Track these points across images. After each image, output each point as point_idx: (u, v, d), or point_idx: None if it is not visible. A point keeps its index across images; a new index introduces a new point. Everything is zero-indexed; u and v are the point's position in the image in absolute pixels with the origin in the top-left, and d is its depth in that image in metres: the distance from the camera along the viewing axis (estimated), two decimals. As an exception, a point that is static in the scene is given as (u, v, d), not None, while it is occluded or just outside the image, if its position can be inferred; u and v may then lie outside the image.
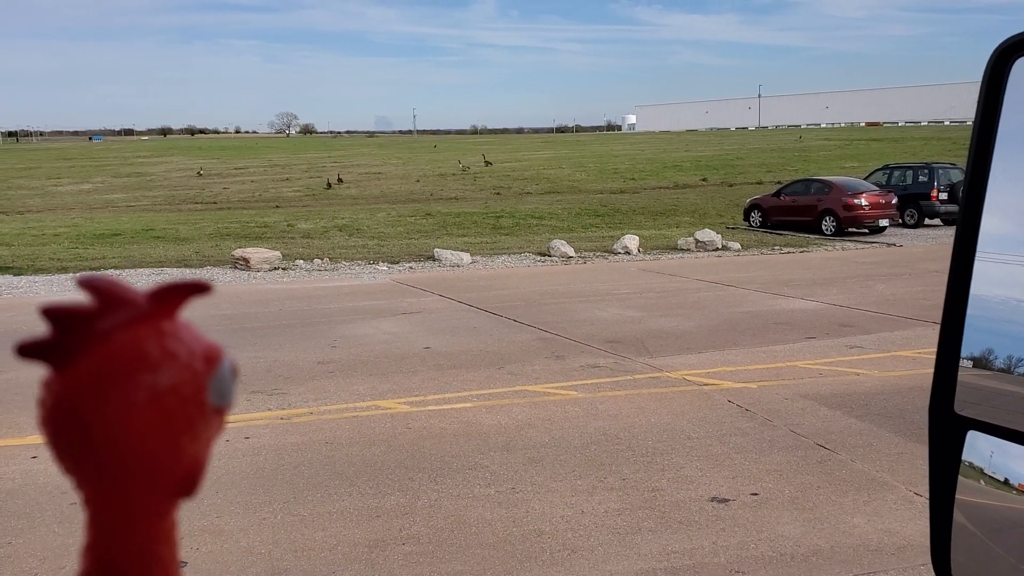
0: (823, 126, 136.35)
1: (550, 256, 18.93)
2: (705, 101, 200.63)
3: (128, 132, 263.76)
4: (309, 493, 5.54)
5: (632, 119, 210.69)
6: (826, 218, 22.69)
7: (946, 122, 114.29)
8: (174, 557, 0.56)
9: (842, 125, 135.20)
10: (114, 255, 18.99)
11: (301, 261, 17.95)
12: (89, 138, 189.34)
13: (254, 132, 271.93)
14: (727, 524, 4.99)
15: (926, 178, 24.92)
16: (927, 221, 24.64)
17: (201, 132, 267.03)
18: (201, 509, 5.27)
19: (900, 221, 24.08)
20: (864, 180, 25.31)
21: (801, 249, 20.19)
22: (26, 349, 0.52)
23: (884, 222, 22.72)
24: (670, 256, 19.18)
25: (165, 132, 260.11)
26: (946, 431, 0.98)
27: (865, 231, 22.81)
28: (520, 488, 5.59)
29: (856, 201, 22.32)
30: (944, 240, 20.96)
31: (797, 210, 23.43)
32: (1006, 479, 0.93)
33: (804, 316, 11.46)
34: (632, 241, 19.73)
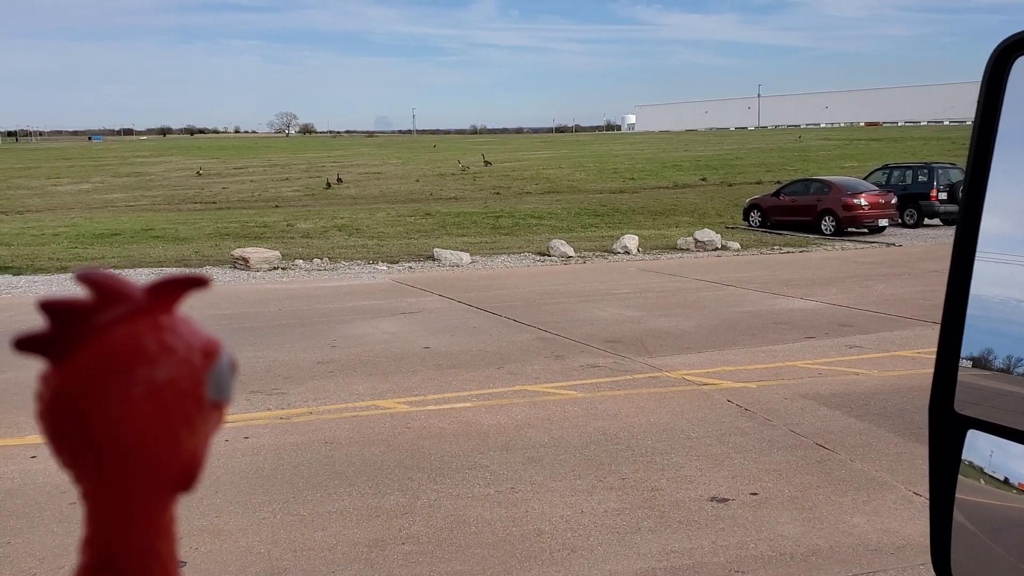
0: (823, 126, 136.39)
1: (549, 256, 18.93)
2: (705, 101, 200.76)
3: (128, 132, 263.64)
4: (308, 493, 5.54)
5: (632, 119, 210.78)
6: (825, 218, 22.70)
7: (945, 122, 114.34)
8: (172, 552, 0.56)
9: (841, 125, 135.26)
10: (113, 255, 18.99)
11: (300, 261, 17.94)
12: (89, 138, 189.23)
13: (254, 132, 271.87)
14: (726, 524, 4.99)
15: (925, 178, 24.92)
16: (926, 221, 24.65)
17: (201, 132, 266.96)
18: (200, 509, 5.27)
19: (899, 221, 24.08)
20: (864, 180, 25.32)
21: (800, 249, 20.19)
22: (23, 343, 0.51)
23: (883, 222, 22.73)
24: (669, 256, 19.18)
25: (165, 132, 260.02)
26: (946, 430, 0.98)
27: (864, 231, 22.81)
28: (520, 488, 5.59)
29: (855, 201, 22.33)
30: (943, 240, 20.97)
31: (796, 210, 23.44)
32: (1006, 478, 0.93)
33: (803, 316, 11.46)
34: (631, 241, 19.73)
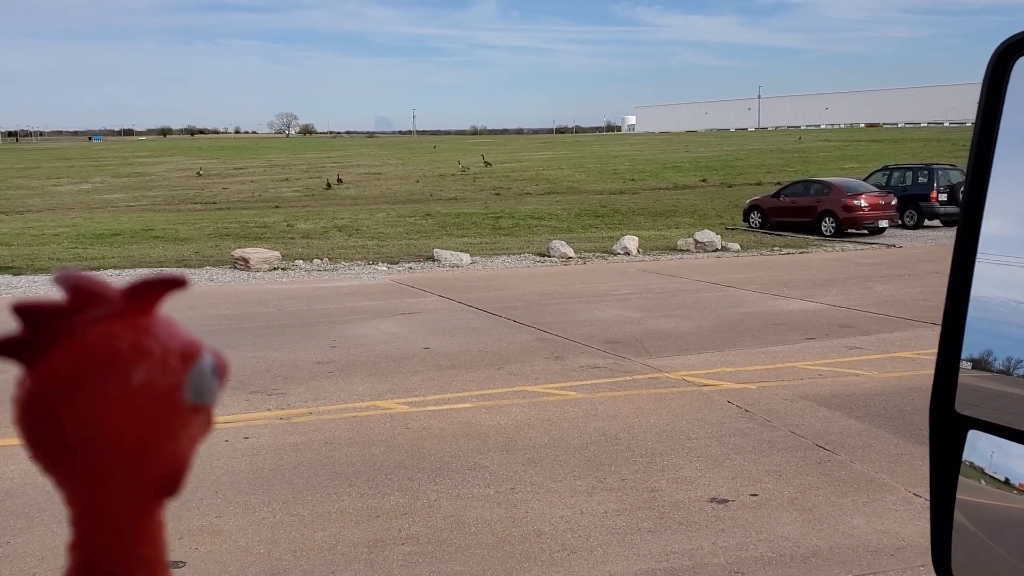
0: (823, 127, 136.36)
1: (550, 257, 18.93)
2: (705, 102, 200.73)
3: (128, 132, 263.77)
4: (308, 493, 5.54)
5: (632, 120, 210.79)
6: (826, 219, 22.70)
7: (946, 123, 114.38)
8: (160, 557, 0.55)
9: (842, 126, 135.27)
10: (113, 255, 18.99)
11: (300, 261, 17.94)
12: (89, 138, 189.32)
13: (254, 132, 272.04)
14: (726, 525, 4.99)
15: (926, 179, 24.92)
16: (927, 222, 24.64)
17: (201, 132, 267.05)
18: (200, 509, 5.27)
19: (900, 222, 24.08)
20: (864, 181, 25.30)
21: (801, 250, 20.19)
22: None
23: (884, 223, 22.72)
24: (669, 257, 19.18)
25: (165, 132, 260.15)
26: (947, 430, 0.98)
27: (865, 232, 22.81)
28: (519, 488, 5.59)
29: (856, 202, 22.32)
30: (944, 241, 20.97)
31: (797, 211, 23.44)
32: (1007, 479, 0.93)
33: (804, 317, 11.46)
34: (632, 242, 19.73)
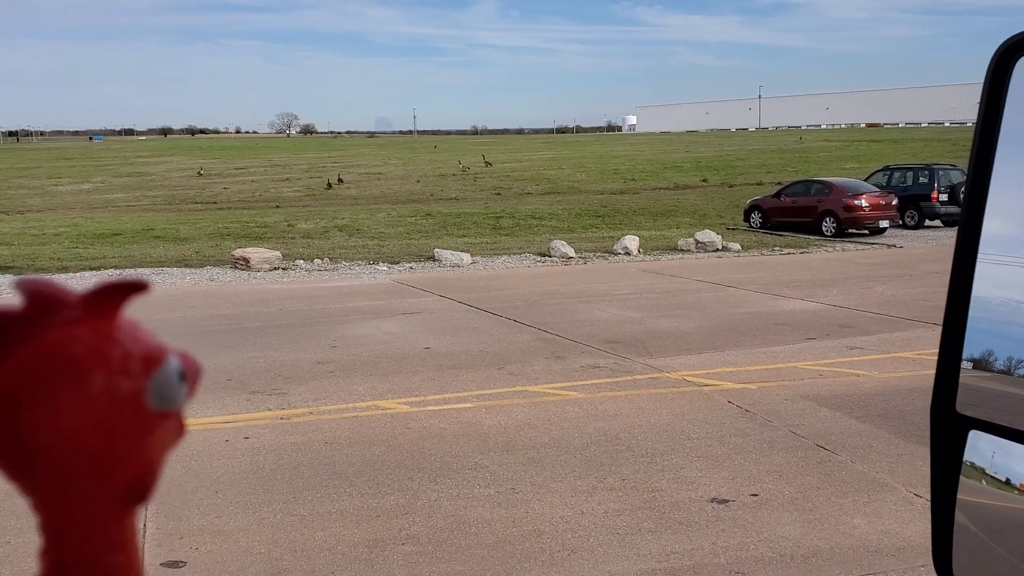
0: (823, 127, 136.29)
1: (550, 256, 18.93)
2: (705, 102, 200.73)
3: (128, 132, 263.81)
4: (309, 493, 5.54)
5: (632, 120, 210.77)
6: (826, 219, 22.69)
7: (946, 123, 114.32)
8: (133, 564, 0.54)
9: (842, 126, 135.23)
10: (114, 255, 18.99)
11: (301, 261, 17.95)
12: (89, 138, 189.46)
13: (254, 132, 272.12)
14: (727, 525, 4.99)
15: (926, 179, 24.91)
16: (927, 222, 24.63)
17: (201, 132, 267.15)
18: (201, 509, 5.27)
19: (900, 222, 24.07)
20: (864, 181, 25.30)
21: (801, 250, 20.19)
22: None
23: (884, 223, 22.72)
24: (670, 257, 19.17)
25: (165, 132, 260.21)
26: (948, 431, 0.98)
27: (865, 232, 22.80)
28: (520, 488, 5.59)
29: (856, 202, 22.32)
30: (944, 242, 20.96)
31: (797, 211, 23.43)
32: (1008, 479, 0.93)
33: (804, 317, 11.46)
34: (632, 242, 19.73)
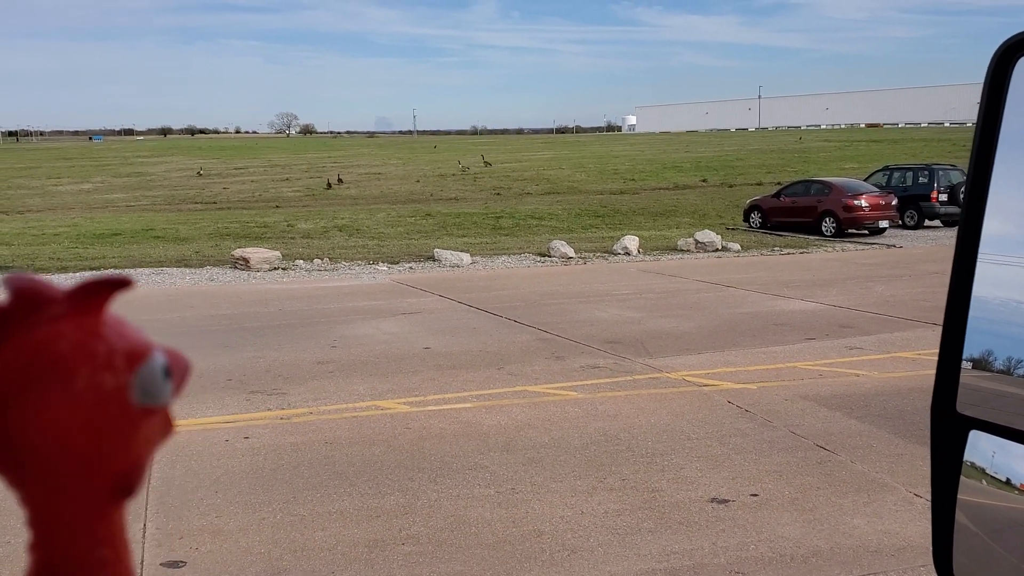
0: (823, 127, 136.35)
1: (550, 257, 18.93)
2: (705, 102, 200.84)
3: (128, 132, 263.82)
4: (308, 493, 5.54)
5: (632, 120, 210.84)
6: (826, 219, 22.70)
7: (946, 124, 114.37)
8: (121, 558, 0.54)
9: (842, 126, 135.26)
10: (114, 255, 18.99)
11: (301, 261, 17.94)
12: (89, 138, 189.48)
13: (254, 132, 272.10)
14: (727, 525, 4.99)
15: (926, 180, 24.91)
16: (927, 223, 24.63)
17: (201, 132, 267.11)
18: (201, 509, 5.27)
19: (900, 223, 24.07)
20: (864, 181, 25.29)
21: (801, 250, 20.19)
22: None
23: (884, 223, 22.72)
24: (670, 257, 19.18)
25: (165, 132, 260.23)
26: (948, 430, 0.98)
27: (865, 232, 22.80)
28: (520, 488, 5.59)
29: (856, 202, 22.32)
30: (944, 242, 20.96)
31: (797, 211, 23.43)
32: (1008, 479, 0.93)
33: (804, 317, 11.46)
34: (632, 242, 19.73)
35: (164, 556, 4.66)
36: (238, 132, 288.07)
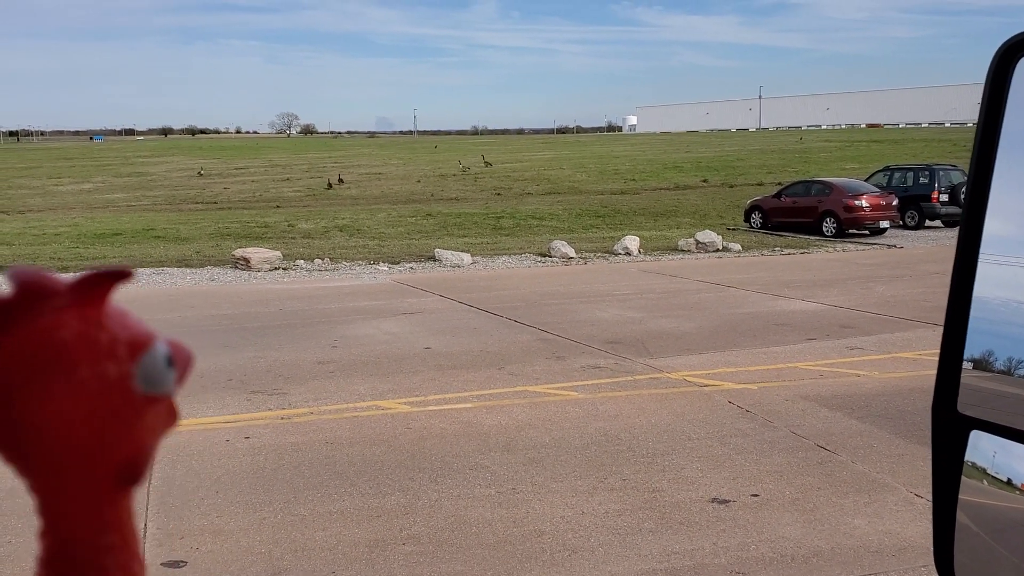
0: (824, 127, 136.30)
1: (551, 257, 18.93)
2: (706, 102, 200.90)
3: (129, 132, 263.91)
4: (309, 493, 5.54)
5: (633, 120, 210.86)
6: (827, 219, 22.69)
7: (947, 124, 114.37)
8: (129, 544, 0.56)
9: (843, 126, 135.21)
10: (115, 255, 19.00)
11: (302, 261, 17.95)
12: (90, 138, 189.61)
13: (255, 132, 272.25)
14: (728, 525, 4.99)
15: (927, 180, 24.91)
16: (928, 223, 24.62)
17: (202, 132, 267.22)
18: (201, 509, 5.27)
19: (901, 223, 24.07)
20: (865, 182, 25.29)
21: (802, 250, 20.19)
22: None
23: (885, 224, 22.71)
24: (671, 257, 19.18)
25: (166, 132, 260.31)
26: (949, 430, 0.98)
27: (866, 233, 22.80)
28: (520, 488, 5.59)
29: (857, 203, 22.32)
30: (945, 242, 20.96)
31: (798, 211, 23.43)
32: (1009, 479, 0.93)
33: (805, 317, 11.46)
34: (633, 242, 19.73)
35: (165, 556, 4.67)
36: (239, 132, 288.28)
